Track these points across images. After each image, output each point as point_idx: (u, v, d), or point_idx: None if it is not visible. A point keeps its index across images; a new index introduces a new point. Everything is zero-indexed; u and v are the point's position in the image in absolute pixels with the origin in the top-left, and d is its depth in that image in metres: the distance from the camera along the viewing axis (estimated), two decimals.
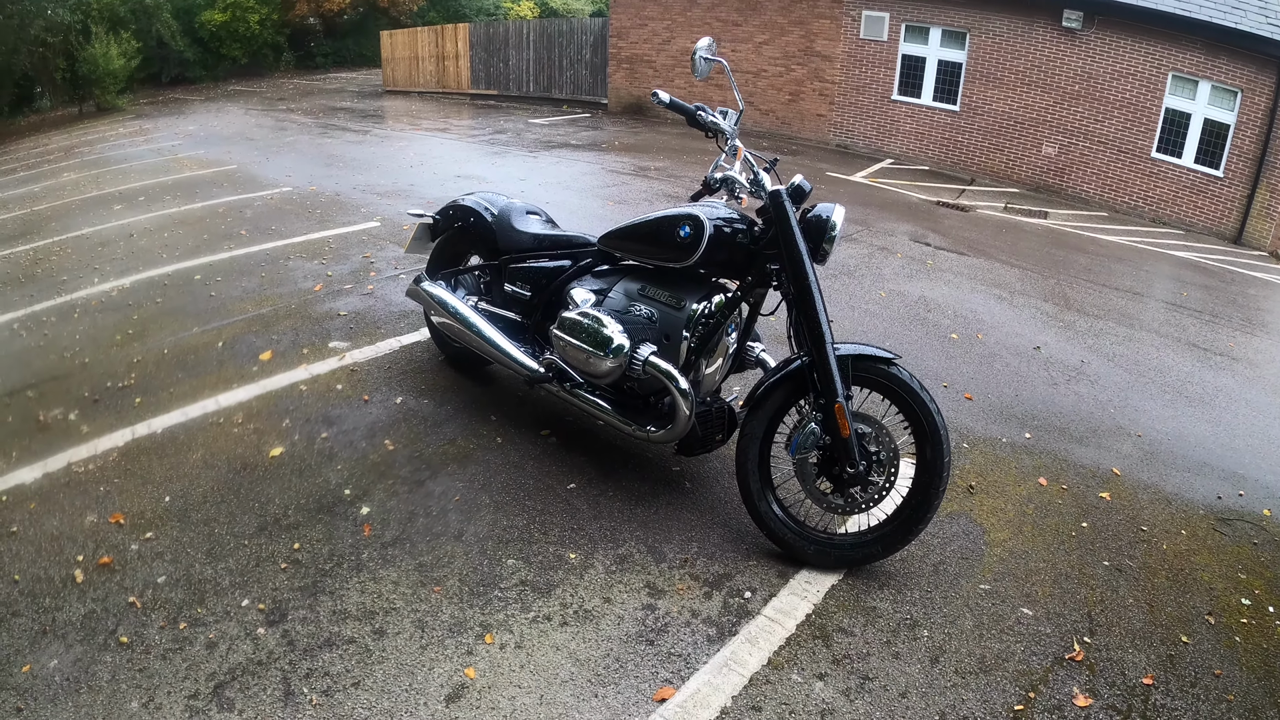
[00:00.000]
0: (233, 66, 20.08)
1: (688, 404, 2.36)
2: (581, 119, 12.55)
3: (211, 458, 2.75)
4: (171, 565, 2.24)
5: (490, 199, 3.23)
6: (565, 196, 6.92)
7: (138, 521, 2.43)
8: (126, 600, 2.10)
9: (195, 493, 2.56)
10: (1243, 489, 3.24)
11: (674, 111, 2.37)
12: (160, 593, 2.14)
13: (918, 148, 11.90)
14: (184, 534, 2.37)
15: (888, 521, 2.39)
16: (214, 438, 2.88)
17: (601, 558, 2.35)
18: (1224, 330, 5.80)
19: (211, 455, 2.76)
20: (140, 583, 2.17)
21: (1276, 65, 9.42)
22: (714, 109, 2.45)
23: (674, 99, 2.37)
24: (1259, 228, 9.99)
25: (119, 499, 2.55)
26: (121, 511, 2.48)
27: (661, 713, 1.86)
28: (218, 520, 2.42)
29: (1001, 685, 2.07)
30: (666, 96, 2.37)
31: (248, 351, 3.60)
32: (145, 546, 2.32)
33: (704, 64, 2.41)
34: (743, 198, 2.51)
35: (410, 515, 2.46)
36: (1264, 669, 2.26)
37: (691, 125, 2.42)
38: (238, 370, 3.42)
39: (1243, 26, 9.36)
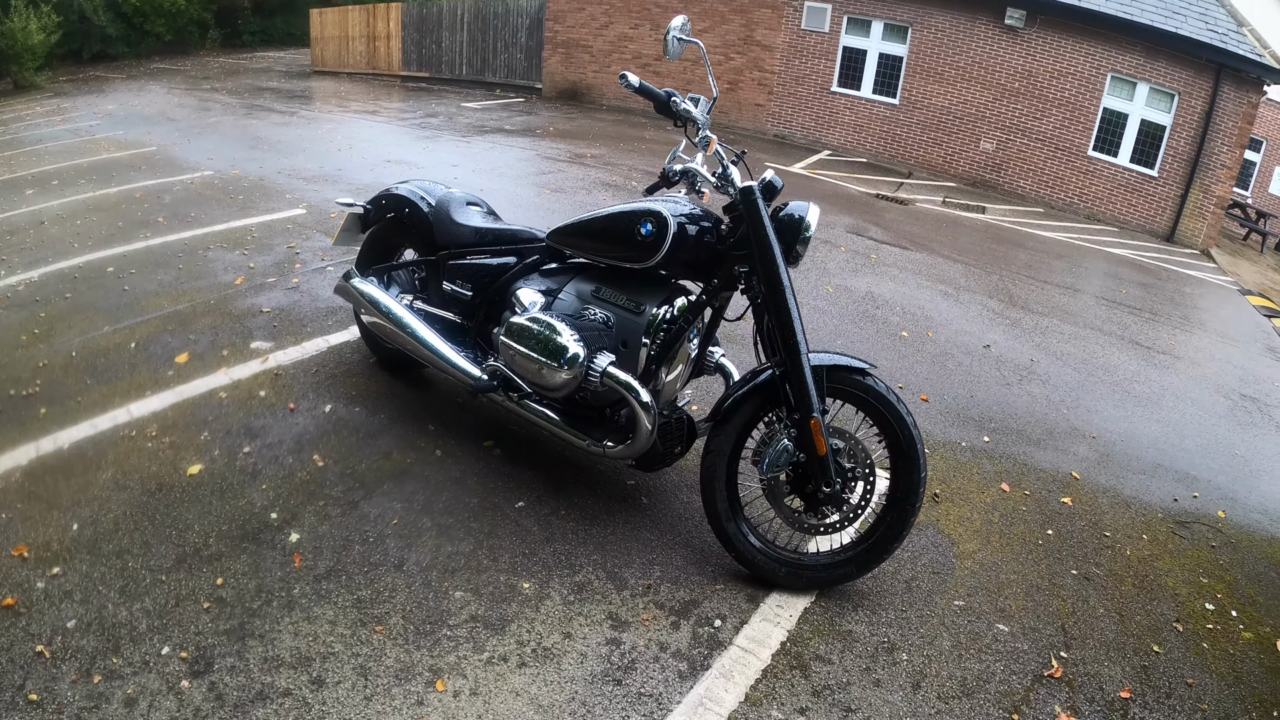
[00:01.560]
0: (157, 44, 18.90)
1: (650, 418, 2.18)
2: (515, 104, 12.22)
3: (123, 477, 2.41)
4: (82, 606, 1.94)
5: (427, 188, 2.96)
6: (500, 184, 6.63)
7: (44, 554, 2.10)
8: (34, 649, 1.81)
9: (106, 519, 2.23)
10: (1196, 490, 3.31)
11: (643, 96, 2.17)
12: (71, 639, 1.84)
13: (856, 140, 12.06)
14: (95, 568, 2.06)
15: (862, 540, 2.28)
16: (126, 454, 2.54)
17: (558, 586, 2.16)
18: (1164, 328, 6.03)
19: (123, 474, 2.43)
20: (48, 628, 1.87)
21: (1214, 70, 9.95)
22: (684, 95, 2.26)
23: (643, 83, 2.17)
24: (1191, 226, 10.57)
25: (22, 528, 2.21)
26: (25, 543, 2.14)
27: None
28: (131, 551, 2.11)
29: (985, 709, 1.99)
30: (636, 80, 2.16)
31: (163, 353, 3.22)
32: (52, 584, 2.01)
33: (677, 44, 2.22)
34: (705, 192, 2.33)
35: (345, 542, 2.20)
36: (1233, 675, 2.28)
37: (661, 112, 2.22)
38: (152, 375, 3.05)
39: (1183, 31, 9.83)
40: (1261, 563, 2.85)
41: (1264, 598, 2.66)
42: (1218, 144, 10.14)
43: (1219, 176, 10.19)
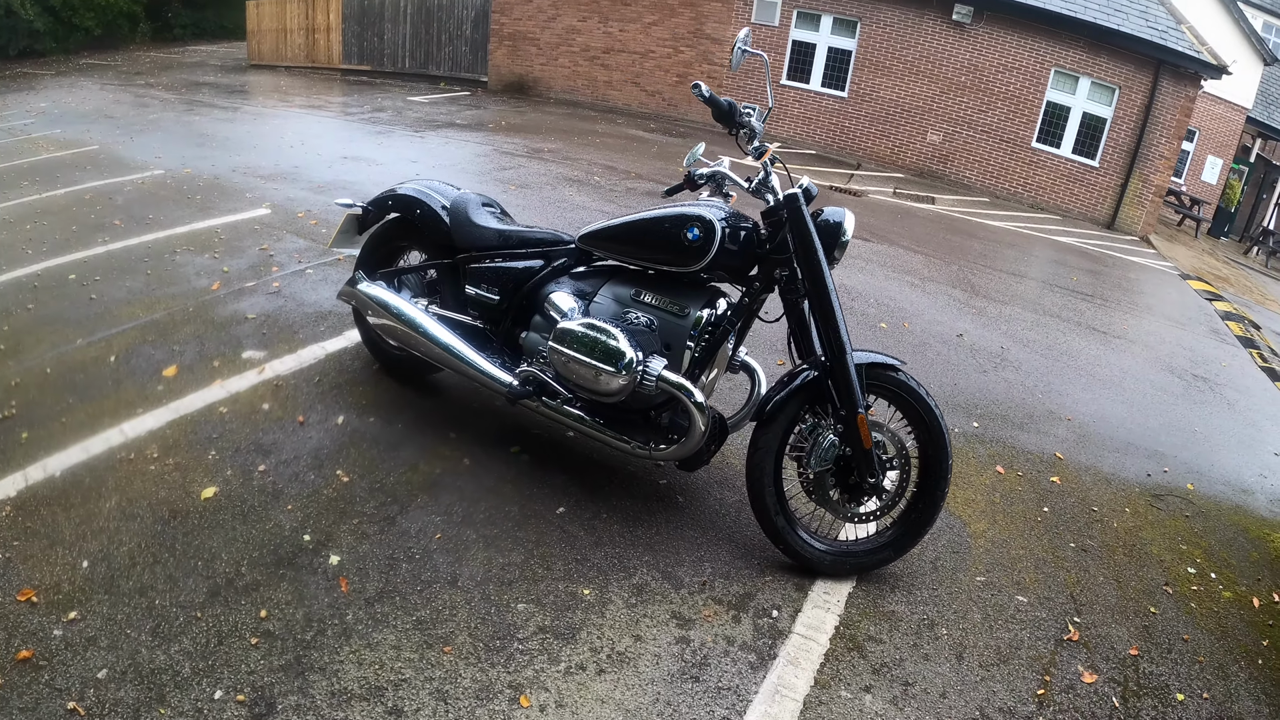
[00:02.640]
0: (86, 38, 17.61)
1: (704, 419, 2.25)
2: (462, 97, 12.01)
3: (130, 505, 2.27)
4: (111, 653, 1.81)
5: (437, 188, 2.91)
6: (463, 180, 6.51)
7: (55, 598, 1.95)
8: (65, 707, 1.67)
9: (119, 553, 2.09)
10: (1166, 466, 3.65)
11: (709, 105, 2.25)
12: (106, 692, 1.72)
13: (805, 132, 12.43)
14: (117, 609, 1.92)
15: (898, 524, 2.43)
16: (128, 479, 2.39)
17: (618, 590, 2.20)
18: (1116, 313, 6.54)
19: (129, 502, 2.28)
20: (77, 681, 1.74)
21: (1154, 65, 10.75)
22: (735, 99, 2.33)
23: (713, 93, 2.24)
24: (1131, 214, 11.42)
25: (24, 569, 2.04)
26: (31, 586, 1.98)
27: None
28: (155, 587, 1.99)
29: (1021, 673, 2.20)
30: (707, 90, 2.22)
31: (147, 367, 3.03)
32: (72, 631, 1.86)
33: (740, 55, 2.30)
34: (733, 195, 2.41)
35: (390, 561, 2.17)
36: (1219, 629, 2.56)
37: (720, 120, 2.29)
38: (140, 391, 2.87)
39: (1124, 28, 10.58)
40: (1230, 529, 3.19)
41: (1236, 560, 2.98)
42: (1156, 135, 11.00)
43: (1157, 166, 11.07)
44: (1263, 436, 4.29)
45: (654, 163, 8.87)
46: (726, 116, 2.27)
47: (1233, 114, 14.31)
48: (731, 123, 2.29)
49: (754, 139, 2.32)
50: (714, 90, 2.72)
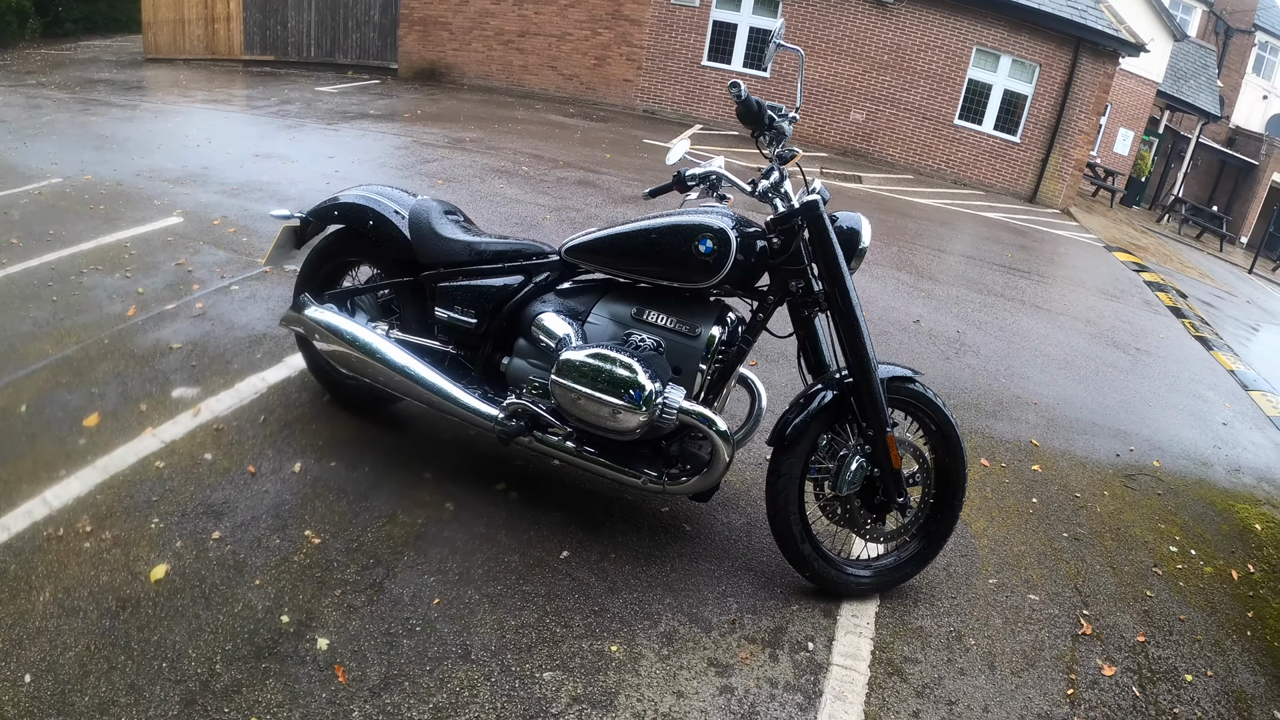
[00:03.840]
0: None
1: (729, 449, 2.11)
2: (372, 86, 11.36)
3: (68, 596, 1.90)
4: None
5: (390, 195, 2.62)
6: (386, 176, 6.11)
7: None
8: None
9: (66, 660, 1.74)
10: (1131, 444, 3.84)
11: (741, 105, 2.10)
12: None
13: (727, 113, 12.47)
14: None
15: (917, 538, 2.39)
16: (61, 562, 2.01)
17: (645, 641, 2.05)
18: (1055, 289, 6.88)
19: (67, 592, 1.91)
20: None
21: (1073, 43, 11.34)
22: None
23: (749, 93, 2.10)
24: (1051, 188, 12.12)
25: None
26: None
27: None
28: (118, 701, 1.67)
29: (1049, 674, 2.25)
30: (744, 90, 2.07)
31: (64, 417, 2.59)
32: None
33: (775, 49, 2.18)
34: (729, 197, 2.27)
35: (388, 639, 1.92)
36: (1208, 605, 2.70)
37: (746, 120, 2.14)
38: (59, 447, 2.45)
39: (1045, 7, 11.09)
40: (1199, 503, 3.38)
41: (1210, 534, 3.16)
42: (1076, 111, 11.68)
43: (1077, 141, 11.79)
44: (1209, 408, 4.61)
45: (580, 149, 8.64)
46: (755, 118, 2.12)
47: (1144, 88, 15.41)
48: (760, 125, 2.13)
49: (780, 143, 2.18)
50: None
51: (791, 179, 2.25)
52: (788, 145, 2.19)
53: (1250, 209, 20.45)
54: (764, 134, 2.18)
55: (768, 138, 2.18)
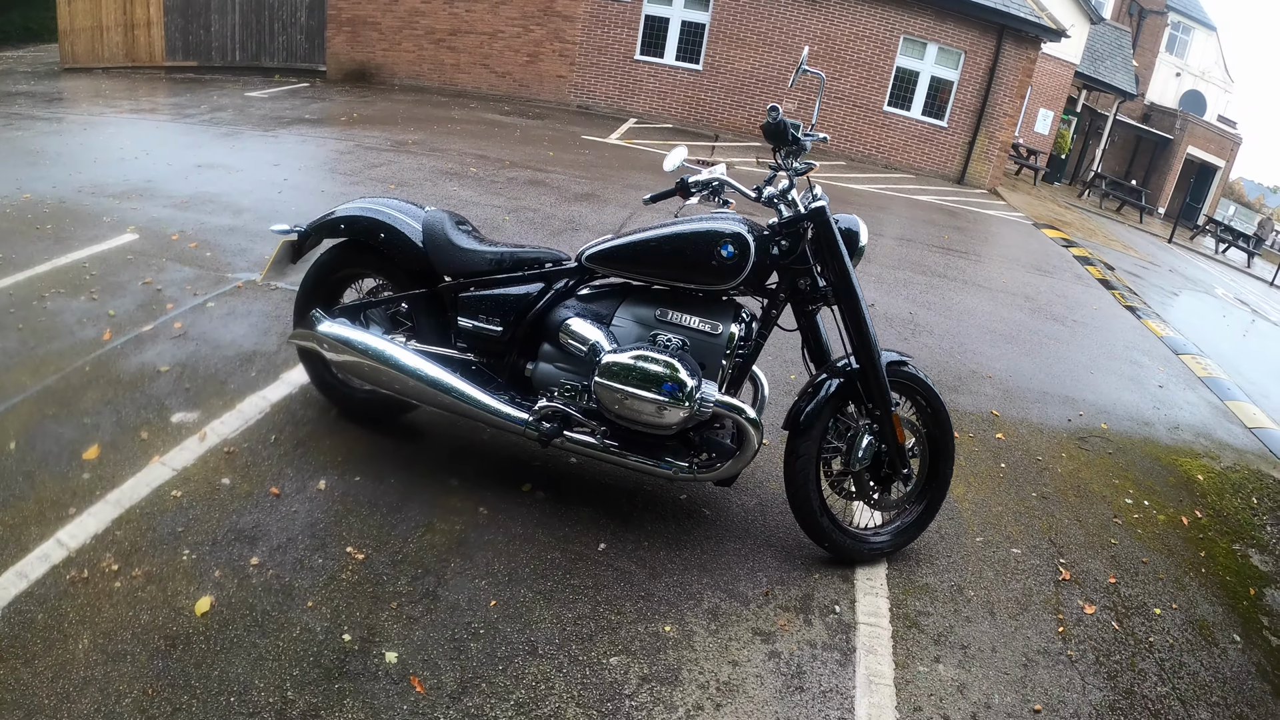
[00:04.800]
0: None
1: (759, 435, 2.30)
2: (302, 90, 11.01)
3: (109, 641, 1.87)
4: None
5: (397, 206, 2.67)
6: (337, 184, 5.99)
7: None
8: None
9: (125, 708, 1.72)
10: (1080, 410, 4.26)
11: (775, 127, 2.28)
12: None
13: (661, 107, 12.74)
14: None
15: (915, 503, 2.65)
16: (94, 605, 1.96)
17: (695, 619, 2.22)
18: (993, 268, 7.39)
19: (107, 637, 1.88)
20: None
21: (997, 30, 12.05)
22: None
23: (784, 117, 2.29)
24: (979, 169, 12.91)
25: None
26: None
27: None
28: None
29: (1041, 617, 2.56)
30: (781, 113, 2.27)
31: (60, 450, 2.50)
32: None
33: (800, 73, 2.37)
34: (731, 202, 2.45)
35: (455, 645, 2.00)
36: (1165, 548, 3.08)
37: (771, 135, 2.31)
38: (62, 484, 2.36)
39: None
40: (1146, 459, 3.81)
41: (1159, 486, 3.58)
42: (1000, 95, 12.46)
43: (1002, 124, 12.59)
44: (1145, 372, 5.14)
45: (524, 148, 8.67)
46: (781, 135, 2.29)
47: (1062, 69, 16.50)
48: (784, 141, 2.30)
49: (798, 156, 2.35)
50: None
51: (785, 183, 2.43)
52: (804, 158, 2.38)
53: (1167, 181, 22.25)
54: (787, 148, 2.36)
55: (784, 152, 2.35)
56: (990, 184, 12.85)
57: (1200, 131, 22.39)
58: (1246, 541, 3.29)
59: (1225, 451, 4.15)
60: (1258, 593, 2.95)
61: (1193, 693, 2.35)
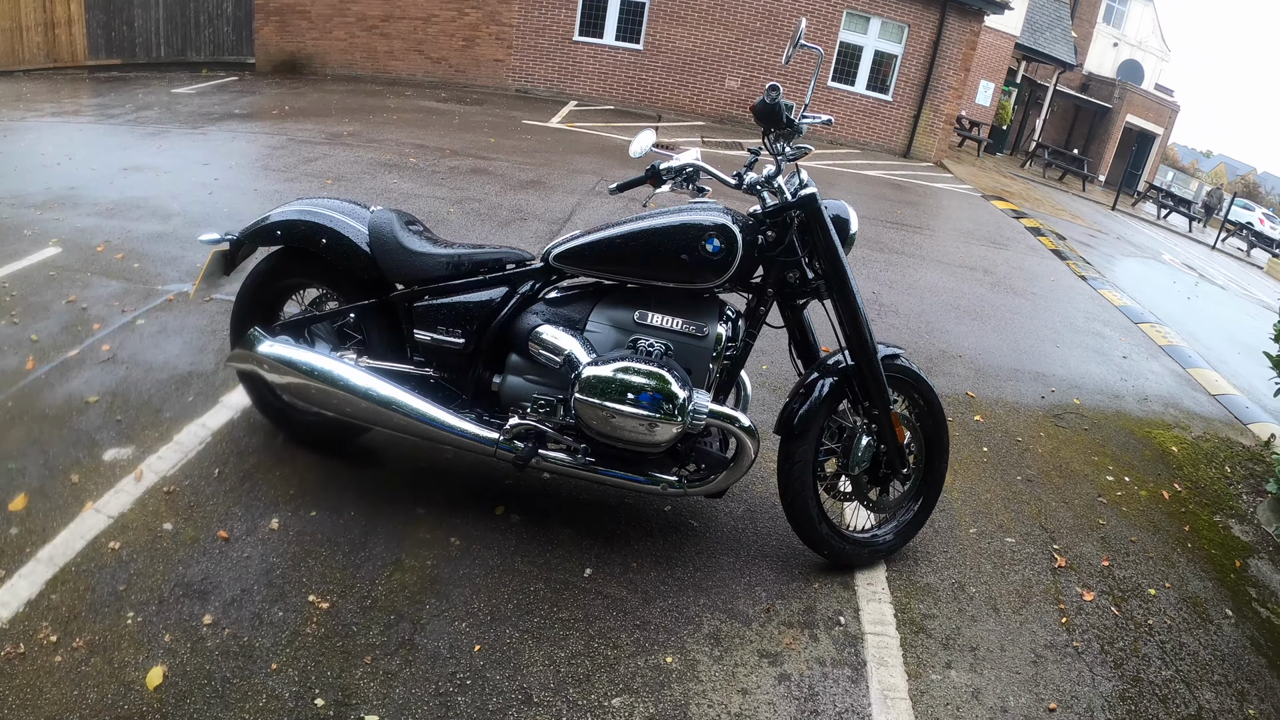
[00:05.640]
0: None
1: (755, 444, 2.17)
2: (230, 84, 10.48)
3: None
4: None
5: (338, 208, 2.45)
6: (271, 182, 5.63)
7: None
8: None
9: None
10: (1052, 386, 4.29)
11: (770, 108, 2.12)
12: None
13: (601, 88, 12.54)
14: None
15: (912, 500, 2.58)
16: (34, 687, 1.72)
17: (695, 646, 2.10)
18: (947, 242, 7.44)
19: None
20: None
21: (940, 3, 12.12)
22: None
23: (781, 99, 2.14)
24: (924, 142, 13.07)
25: None
26: None
27: None
28: None
29: (1043, 608, 2.54)
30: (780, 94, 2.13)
31: None
32: None
33: (794, 49, 2.21)
34: (708, 189, 2.31)
35: (442, 700, 1.83)
36: (1151, 525, 3.10)
37: (764, 117, 2.15)
38: None
39: None
40: (1121, 433, 3.85)
41: (1136, 460, 3.62)
42: (945, 69, 12.60)
43: (946, 97, 12.76)
44: (1108, 344, 5.23)
45: (463, 136, 8.37)
46: (775, 117, 2.14)
47: (1002, 41, 16.80)
48: (779, 124, 2.15)
49: (790, 140, 2.22)
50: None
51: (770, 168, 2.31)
52: (799, 143, 2.24)
53: (1107, 149, 23.02)
54: (780, 132, 2.21)
55: (773, 135, 2.21)
56: (936, 157, 13.04)
57: (1138, 100, 23.21)
58: (1226, 512, 3.35)
59: (1194, 421, 4.25)
60: (1242, 564, 3.00)
61: (1195, 674, 2.36)
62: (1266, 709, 2.30)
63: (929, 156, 13.01)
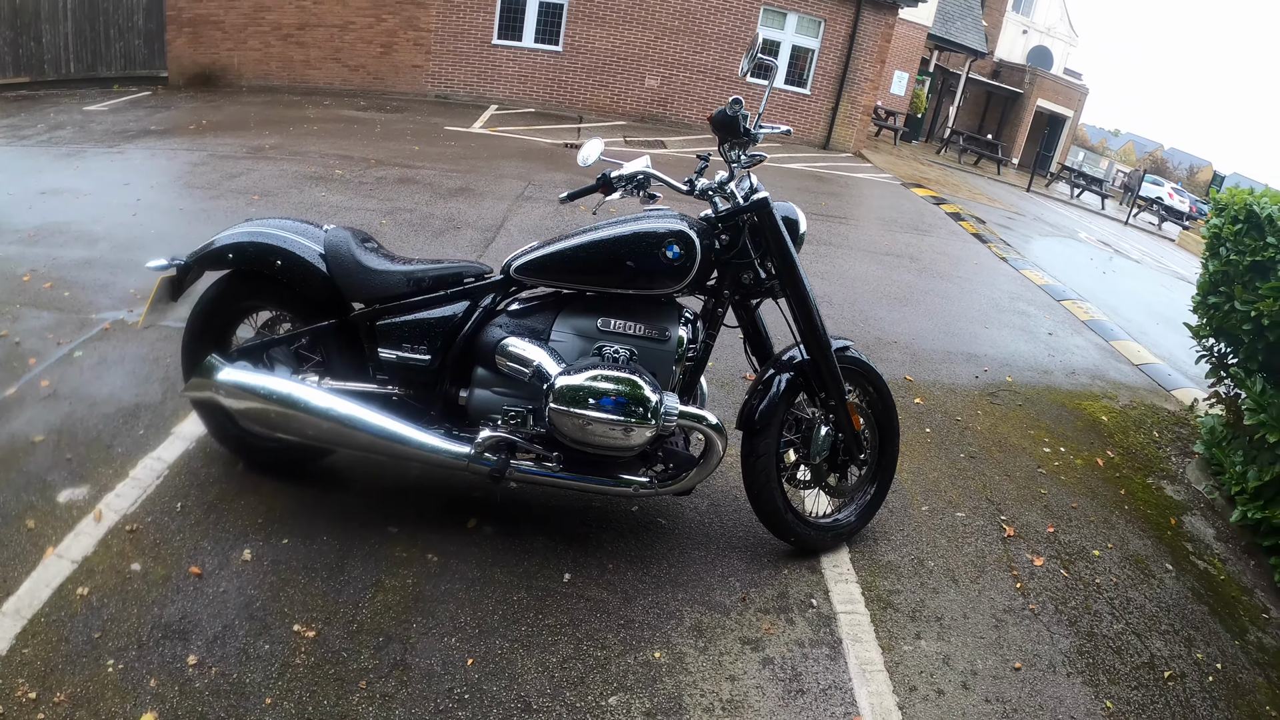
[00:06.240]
0: None
1: (723, 442, 2.28)
2: (144, 99, 10.07)
3: None
4: None
5: (292, 228, 2.44)
6: (195, 200, 5.45)
7: None
8: None
9: None
10: (984, 366, 4.58)
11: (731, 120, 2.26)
12: None
13: (521, 91, 12.62)
14: None
15: (869, 483, 2.74)
16: None
17: (680, 640, 2.21)
18: (873, 231, 7.75)
19: None
20: None
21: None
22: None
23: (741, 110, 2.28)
24: (843, 134, 13.56)
25: None
26: None
27: None
28: None
29: (998, 575, 2.77)
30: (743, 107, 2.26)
31: None
32: None
33: (751, 61, 2.34)
34: (658, 195, 2.41)
35: (442, 717, 1.87)
36: (1089, 491, 3.38)
37: (721, 128, 2.29)
38: None
39: None
40: (1053, 406, 4.15)
41: (1069, 431, 3.92)
42: (861, 61, 13.09)
43: (864, 89, 13.27)
44: (1033, 322, 5.59)
45: (386, 144, 8.29)
46: (732, 126, 2.25)
47: (915, 32, 17.56)
48: (735, 133, 2.25)
49: (746, 149, 2.33)
50: None
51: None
52: (753, 151, 2.35)
53: (1019, 133, 24.29)
54: (736, 141, 2.32)
55: (729, 144, 2.32)
56: (855, 147, 13.57)
57: (1048, 84, 24.57)
58: (1158, 474, 3.68)
59: (1120, 391, 4.61)
60: (1177, 521, 3.30)
61: (1144, 625, 2.61)
62: (1213, 651, 2.57)
63: (848, 147, 13.52)
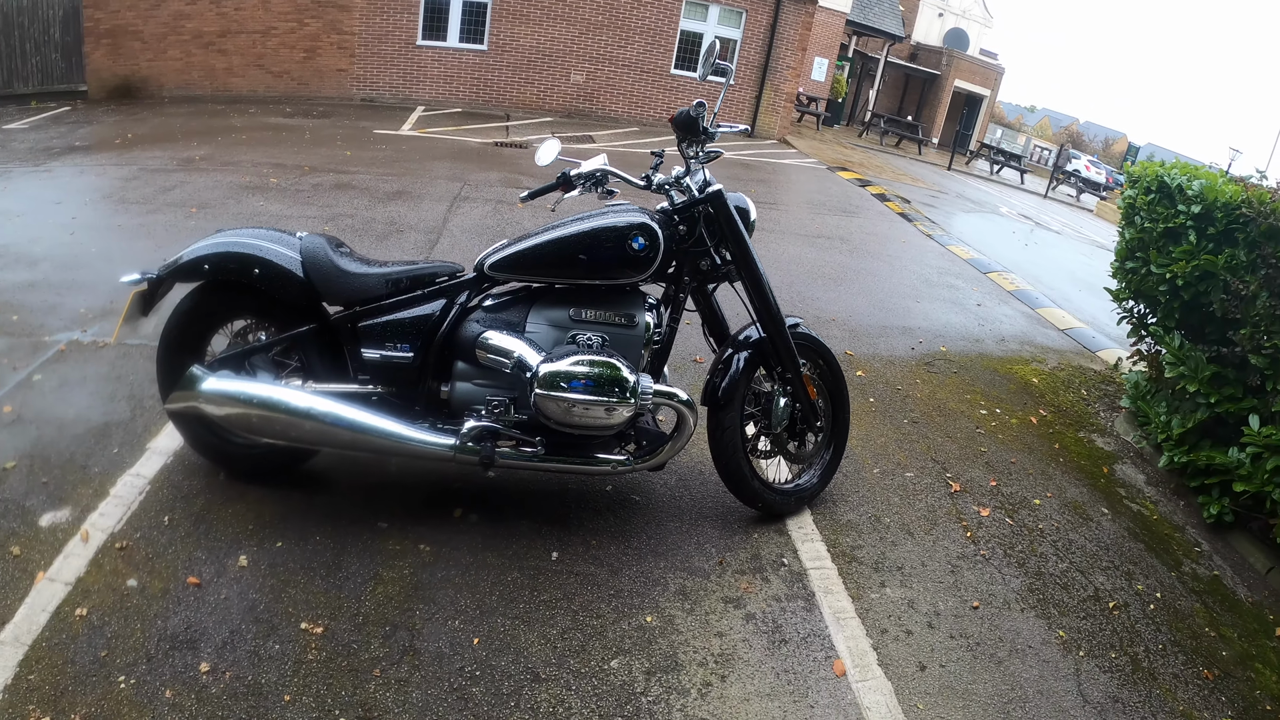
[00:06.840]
0: None
1: (695, 417, 2.47)
2: (65, 114, 9.59)
3: None
4: None
5: (267, 236, 2.51)
6: (132, 216, 5.30)
7: None
8: None
9: None
10: (919, 338, 4.93)
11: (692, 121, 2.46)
12: None
13: (447, 91, 12.62)
14: None
15: (825, 449, 2.99)
16: None
17: (668, 603, 2.40)
18: (801, 215, 8.08)
19: None
20: None
21: None
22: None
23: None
24: (767, 121, 13.99)
25: None
26: None
27: (855, 677, 2.24)
28: None
29: (949, 527, 3.06)
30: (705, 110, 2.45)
31: None
32: None
33: (705, 69, 2.52)
34: (616, 191, 2.58)
35: (458, 694, 2.00)
36: (1025, 447, 3.73)
37: (681, 127, 2.48)
38: None
39: None
40: (986, 372, 4.52)
41: (1003, 394, 4.30)
42: (783, 50, 13.51)
43: (786, 76, 13.71)
44: (962, 294, 5.99)
45: (319, 151, 8.21)
46: (692, 126, 2.43)
47: (834, 19, 18.08)
48: (694, 132, 2.43)
49: (704, 146, 2.52)
50: None
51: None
52: (711, 147, 2.54)
53: (938, 114, 25.28)
54: (695, 138, 2.51)
55: (687, 142, 2.50)
56: (779, 134, 14.04)
57: (965, 65, 25.68)
58: (1089, 429, 4.07)
59: (1048, 354, 5.03)
60: (1109, 470, 3.68)
61: (1086, 563, 2.94)
62: (1152, 583, 2.92)
63: (772, 134, 13.97)
